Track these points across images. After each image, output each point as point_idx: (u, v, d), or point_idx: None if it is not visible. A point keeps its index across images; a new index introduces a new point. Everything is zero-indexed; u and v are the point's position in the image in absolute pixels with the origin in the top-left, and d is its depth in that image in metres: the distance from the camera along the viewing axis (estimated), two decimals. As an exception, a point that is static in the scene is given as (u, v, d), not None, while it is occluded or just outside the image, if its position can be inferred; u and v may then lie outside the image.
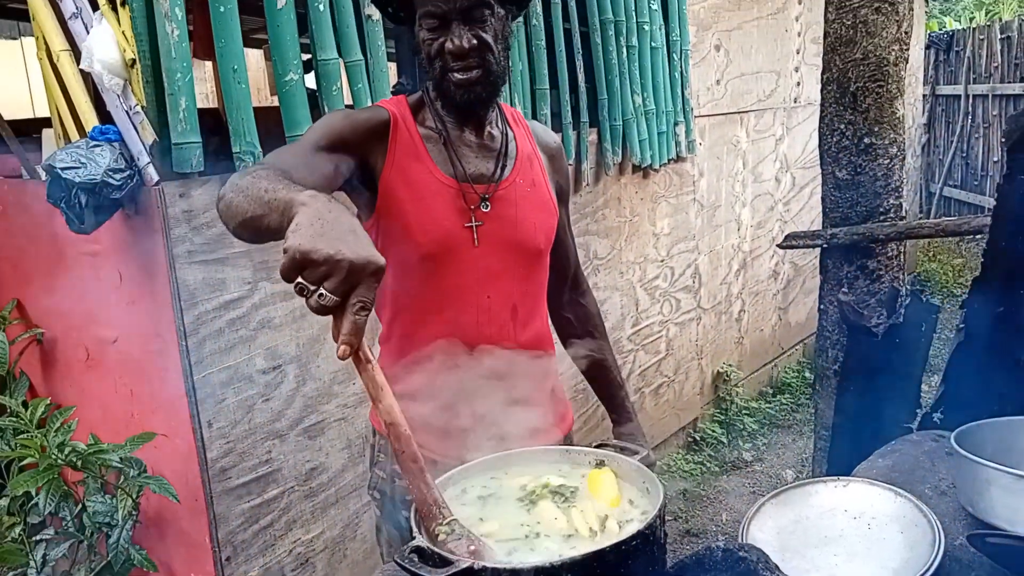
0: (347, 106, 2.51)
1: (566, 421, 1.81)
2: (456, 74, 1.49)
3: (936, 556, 1.30)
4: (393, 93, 2.69)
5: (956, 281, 7.32)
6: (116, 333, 2.41)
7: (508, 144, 1.64)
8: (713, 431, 4.64)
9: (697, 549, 1.18)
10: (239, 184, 1.22)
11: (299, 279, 0.97)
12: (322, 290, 0.97)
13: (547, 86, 3.28)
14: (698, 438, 4.61)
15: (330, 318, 1.01)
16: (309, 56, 2.46)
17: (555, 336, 1.87)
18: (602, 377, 1.90)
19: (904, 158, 2.90)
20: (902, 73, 2.83)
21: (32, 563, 2.38)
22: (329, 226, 0.99)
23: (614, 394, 1.90)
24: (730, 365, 4.92)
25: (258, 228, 1.15)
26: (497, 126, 1.64)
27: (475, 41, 1.47)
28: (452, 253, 1.57)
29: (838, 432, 2.76)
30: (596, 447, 1.33)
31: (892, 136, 2.83)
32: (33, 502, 2.47)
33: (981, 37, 8.59)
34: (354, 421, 2.66)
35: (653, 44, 3.83)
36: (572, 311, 1.88)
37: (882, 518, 1.46)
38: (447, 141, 1.58)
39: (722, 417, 4.78)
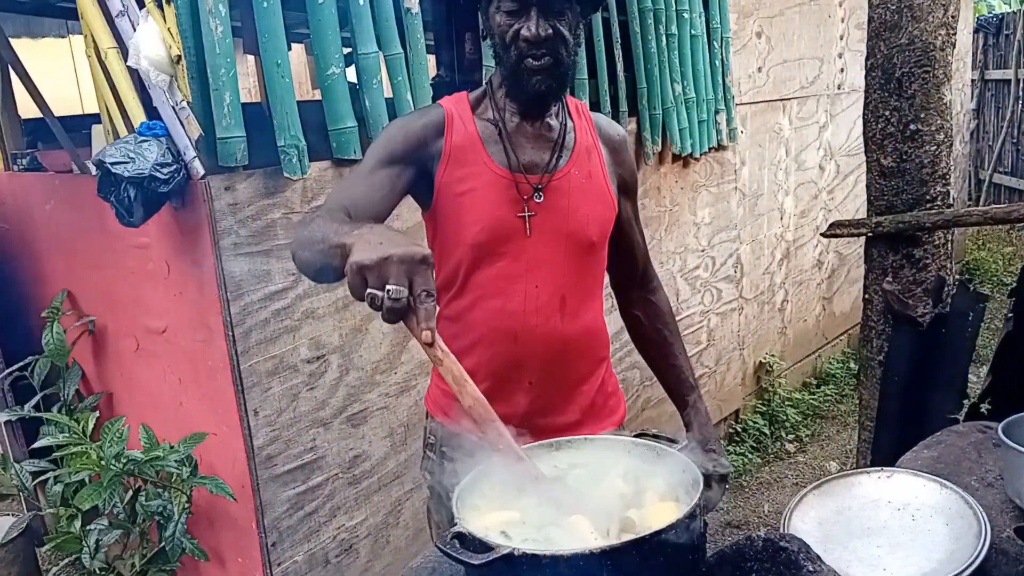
0: (387, 100, 2.53)
1: (617, 414, 1.80)
2: (532, 60, 1.51)
3: (982, 548, 1.28)
4: (432, 86, 2.70)
5: (1007, 270, 7.15)
6: (165, 323, 2.47)
7: (566, 135, 1.65)
8: (755, 422, 4.60)
9: (738, 539, 1.18)
10: (301, 240, 1.34)
11: (368, 290, 1.08)
12: (389, 286, 1.07)
13: (586, 76, 3.27)
14: (740, 429, 4.58)
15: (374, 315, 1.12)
16: (350, 50, 2.48)
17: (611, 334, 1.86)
18: (673, 378, 1.85)
19: (951, 144, 2.84)
20: (949, 58, 2.77)
21: (86, 549, 2.45)
22: (375, 240, 1.12)
23: (686, 395, 1.83)
24: (773, 356, 4.87)
25: (328, 275, 1.27)
26: (556, 117, 1.65)
27: (550, 31, 1.50)
28: (504, 242, 1.59)
29: (883, 423, 2.72)
30: (635, 436, 1.33)
31: (939, 122, 2.77)
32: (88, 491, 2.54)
33: (1033, 19, 8.36)
34: (396, 410, 2.69)
35: (693, 32, 3.79)
36: (642, 308, 1.87)
37: (926, 509, 1.44)
38: (502, 131, 1.60)
39: (764, 408, 4.74)
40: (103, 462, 2.26)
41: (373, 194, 1.51)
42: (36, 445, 2.63)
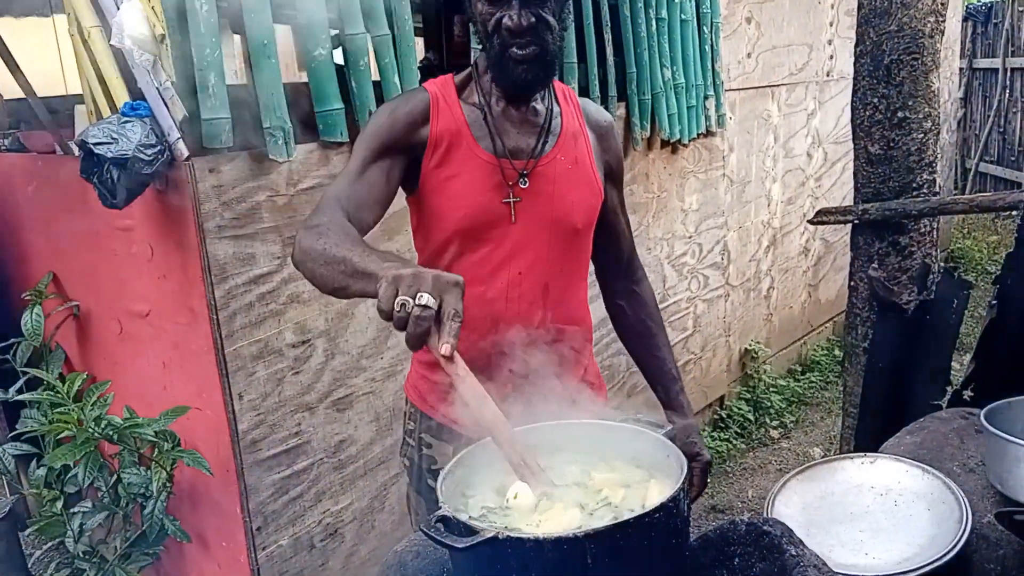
0: (374, 83, 2.51)
1: (597, 403, 1.80)
2: (516, 50, 1.49)
3: (963, 533, 1.29)
4: (420, 68, 2.68)
5: (991, 258, 7.20)
6: (148, 307, 2.45)
7: (552, 120, 1.64)
8: (740, 408, 4.63)
9: (721, 523, 1.19)
10: (312, 253, 1.32)
11: (399, 296, 1.08)
12: (421, 294, 1.07)
13: (575, 60, 3.25)
14: (725, 415, 4.60)
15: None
16: (337, 31, 2.46)
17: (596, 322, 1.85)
18: (656, 369, 1.82)
19: (939, 133, 2.85)
20: (938, 46, 2.77)
21: (70, 532, 2.44)
22: (411, 266, 1.14)
23: (668, 387, 1.80)
24: (758, 342, 4.89)
25: (347, 295, 1.27)
26: (542, 101, 1.64)
27: (533, 19, 1.47)
28: (489, 228, 1.58)
29: (866, 409, 2.74)
30: (621, 421, 1.33)
31: (927, 110, 2.77)
32: (71, 474, 2.53)
33: (1021, 9, 8.37)
34: (382, 395, 2.68)
35: (683, 16, 3.78)
36: (626, 298, 1.85)
37: (909, 495, 1.46)
38: (487, 116, 1.58)
39: (749, 395, 4.76)
40: (83, 424, 2.24)
41: (371, 190, 1.50)
42: (22, 408, 2.61)
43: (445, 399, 1.70)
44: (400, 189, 1.64)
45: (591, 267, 1.80)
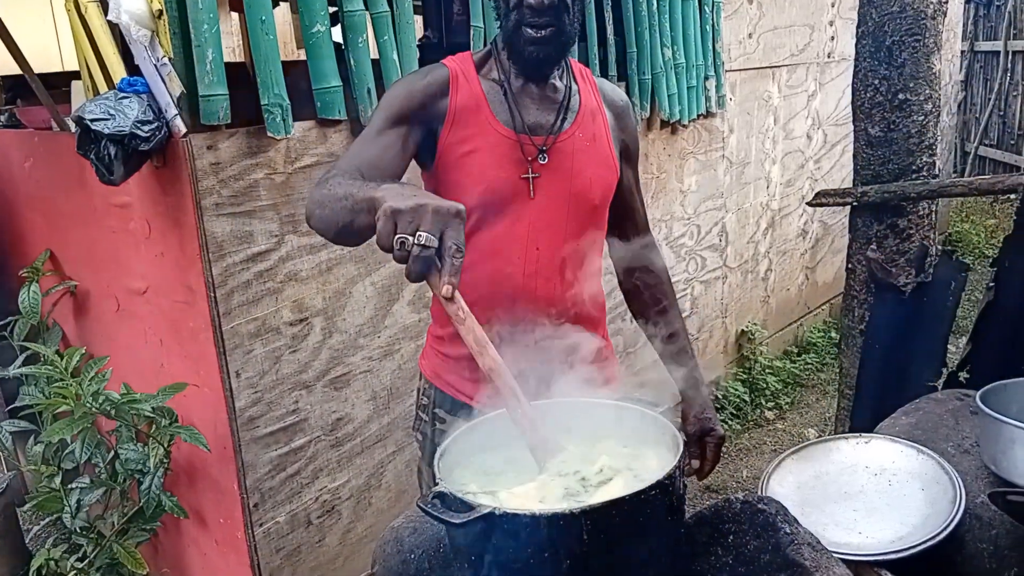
0: (373, 61, 2.50)
1: (613, 380, 1.81)
2: (529, 30, 1.50)
3: (956, 513, 1.30)
4: (419, 46, 2.67)
5: (988, 242, 7.21)
6: (146, 284, 2.45)
7: (571, 97, 1.65)
8: (736, 389, 4.64)
9: (716, 501, 1.19)
10: (320, 199, 1.33)
11: (397, 234, 1.06)
12: (420, 232, 1.05)
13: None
14: (720, 396, 4.61)
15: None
16: (335, 8, 2.44)
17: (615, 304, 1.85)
18: (670, 347, 1.83)
19: (939, 115, 2.84)
20: (940, 27, 2.76)
21: (67, 508, 2.45)
22: (409, 191, 1.13)
23: (682, 364, 1.81)
24: (755, 324, 4.90)
25: (353, 232, 1.26)
26: (561, 79, 1.64)
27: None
28: (508, 204, 1.58)
29: (862, 390, 2.75)
30: (619, 400, 1.33)
31: (928, 92, 2.76)
32: (68, 450, 2.54)
33: (1024, -9, 8.33)
34: (379, 373, 2.69)
35: (684, -4, 3.75)
36: (641, 276, 1.85)
37: (903, 475, 1.46)
38: (507, 92, 1.59)
39: (745, 376, 4.77)
40: (81, 399, 2.25)
41: (384, 155, 1.50)
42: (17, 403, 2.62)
43: (460, 376, 1.70)
44: (416, 165, 1.64)
45: (605, 247, 1.80)
